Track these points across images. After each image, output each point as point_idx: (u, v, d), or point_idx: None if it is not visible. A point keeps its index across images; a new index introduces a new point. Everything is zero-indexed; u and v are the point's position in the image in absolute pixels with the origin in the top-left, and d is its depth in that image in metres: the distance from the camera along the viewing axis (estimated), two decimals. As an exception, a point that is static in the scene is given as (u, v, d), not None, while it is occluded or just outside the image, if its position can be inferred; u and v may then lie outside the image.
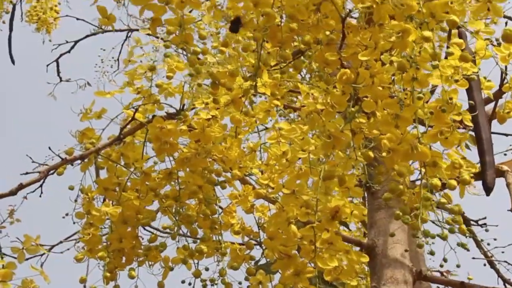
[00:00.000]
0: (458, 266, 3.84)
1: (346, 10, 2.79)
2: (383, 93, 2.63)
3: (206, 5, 2.98)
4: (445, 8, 2.47)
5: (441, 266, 3.65)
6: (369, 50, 2.60)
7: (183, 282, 3.32)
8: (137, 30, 4.51)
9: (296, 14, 2.72)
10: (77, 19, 5.40)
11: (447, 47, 2.71)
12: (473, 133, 3.09)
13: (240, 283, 3.37)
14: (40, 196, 3.55)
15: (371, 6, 2.59)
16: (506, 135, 4.27)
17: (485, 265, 4.64)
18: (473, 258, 4.46)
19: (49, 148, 3.19)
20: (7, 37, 6.15)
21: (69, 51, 5.91)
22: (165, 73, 3.38)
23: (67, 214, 3.35)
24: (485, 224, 4.60)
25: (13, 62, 6.18)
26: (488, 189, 2.77)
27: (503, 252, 4.69)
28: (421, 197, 2.40)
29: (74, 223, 3.42)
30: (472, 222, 4.60)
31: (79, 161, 3.27)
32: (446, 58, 2.62)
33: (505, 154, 4.33)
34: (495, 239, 4.58)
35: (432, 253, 2.65)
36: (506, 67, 3.22)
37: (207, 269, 3.26)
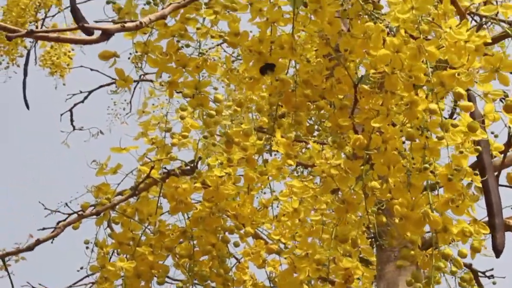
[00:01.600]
0: None
1: (359, 75, 2.86)
2: (395, 158, 2.69)
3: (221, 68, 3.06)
4: (453, 79, 2.53)
5: None
6: (381, 116, 2.66)
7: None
8: (151, 81, 4.59)
9: (310, 79, 2.80)
10: (91, 69, 5.50)
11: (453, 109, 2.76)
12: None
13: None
14: (52, 242, 3.60)
15: (383, 73, 2.66)
16: (514, 188, 4.30)
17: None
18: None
19: (66, 205, 3.26)
20: (22, 82, 6.24)
21: (82, 101, 5.99)
22: (177, 121, 3.48)
23: (82, 268, 3.41)
24: (492, 276, 4.62)
25: (27, 107, 6.26)
26: (497, 252, 2.82)
27: (511, 306, 4.71)
28: (433, 266, 2.45)
29: (87, 275, 3.48)
30: (479, 274, 4.62)
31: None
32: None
33: (512, 208, 4.35)
34: (502, 292, 4.60)
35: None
36: (513, 128, 3.29)
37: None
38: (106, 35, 2.17)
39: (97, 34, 2.19)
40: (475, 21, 4.42)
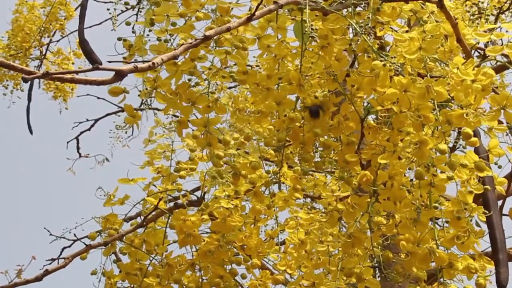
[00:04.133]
0: None
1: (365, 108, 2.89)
2: (402, 194, 2.72)
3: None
4: (461, 119, 2.56)
5: None
6: (388, 153, 2.69)
7: None
8: (156, 109, 4.63)
9: (318, 116, 2.84)
10: (98, 98, 5.54)
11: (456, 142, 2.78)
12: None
13: None
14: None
15: (390, 111, 2.69)
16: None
17: None
18: None
19: (75, 235, 3.29)
20: (26, 107, 6.27)
21: (89, 129, 6.03)
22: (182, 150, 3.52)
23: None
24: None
25: (31, 132, 6.29)
26: (502, 287, 2.85)
27: None
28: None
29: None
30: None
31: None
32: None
33: (516, 238, 4.36)
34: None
35: None
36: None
37: None
38: (120, 76, 2.21)
39: (110, 74, 2.23)
40: (478, 52, 4.48)
